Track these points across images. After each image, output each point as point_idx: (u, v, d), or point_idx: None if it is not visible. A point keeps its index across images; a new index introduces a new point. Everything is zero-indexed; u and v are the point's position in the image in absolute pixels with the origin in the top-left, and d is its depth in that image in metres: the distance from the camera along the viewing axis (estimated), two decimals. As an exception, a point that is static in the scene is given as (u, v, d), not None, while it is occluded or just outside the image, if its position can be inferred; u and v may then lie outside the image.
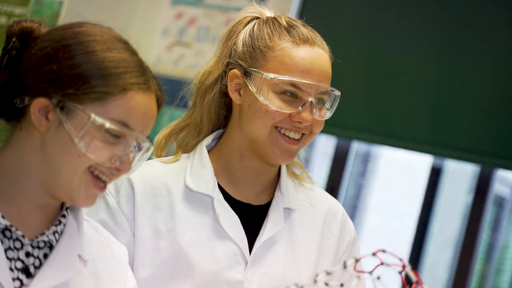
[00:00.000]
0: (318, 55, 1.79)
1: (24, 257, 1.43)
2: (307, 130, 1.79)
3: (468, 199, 5.27)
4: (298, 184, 1.91)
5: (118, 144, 1.42)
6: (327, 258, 1.88)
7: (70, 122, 1.39)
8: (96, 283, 1.51)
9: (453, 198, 5.43)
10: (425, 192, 4.07)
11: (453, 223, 5.29)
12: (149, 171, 1.83)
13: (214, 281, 1.76)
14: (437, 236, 5.12)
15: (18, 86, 1.44)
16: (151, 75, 1.46)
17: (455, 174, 5.38)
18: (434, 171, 4.09)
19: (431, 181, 4.09)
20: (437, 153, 3.77)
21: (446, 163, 4.35)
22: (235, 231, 1.79)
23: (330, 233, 1.90)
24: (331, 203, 1.94)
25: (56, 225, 1.48)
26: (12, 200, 1.44)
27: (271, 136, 1.78)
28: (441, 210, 5.00)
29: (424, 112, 3.72)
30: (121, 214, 1.79)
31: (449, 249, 5.33)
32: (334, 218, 1.92)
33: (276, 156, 1.78)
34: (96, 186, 1.43)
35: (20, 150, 1.44)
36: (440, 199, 4.41)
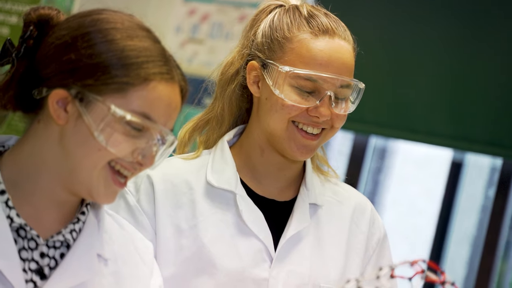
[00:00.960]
0: (338, 47, 1.73)
1: (39, 257, 1.37)
2: (328, 125, 1.73)
3: (489, 194, 5.22)
4: (324, 179, 1.86)
5: (140, 137, 1.35)
6: (356, 256, 1.83)
7: (89, 114, 1.33)
8: (116, 283, 1.45)
9: (474, 193, 5.38)
10: (445, 188, 4.03)
11: (474, 218, 5.24)
12: (169, 168, 1.78)
13: (239, 279, 1.71)
14: (457, 232, 5.06)
15: (35, 77, 1.38)
16: (174, 64, 1.40)
17: (475, 168, 5.33)
18: (454, 165, 4.04)
19: (451, 176, 4.05)
20: (458, 146, 3.72)
21: (467, 157, 4.30)
22: (259, 227, 1.74)
23: (358, 230, 1.85)
24: (358, 199, 1.88)
25: (74, 223, 1.42)
26: (28, 197, 1.39)
27: (288, 131, 1.73)
28: (461, 206, 4.95)
29: (444, 105, 3.67)
30: (142, 212, 1.74)
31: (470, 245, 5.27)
32: (362, 214, 1.86)
33: (294, 152, 1.73)
34: (116, 183, 1.37)
35: (37, 144, 1.38)
36: (461, 195, 4.36)
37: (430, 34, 3.74)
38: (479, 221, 5.15)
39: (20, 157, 1.39)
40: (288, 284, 1.72)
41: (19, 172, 1.39)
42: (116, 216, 1.54)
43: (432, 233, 4.73)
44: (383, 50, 3.78)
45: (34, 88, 1.37)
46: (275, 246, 1.75)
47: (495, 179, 4.40)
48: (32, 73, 1.38)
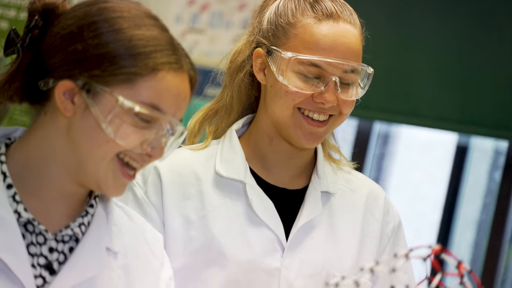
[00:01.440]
0: (342, 31, 1.70)
1: (48, 252, 1.35)
2: (335, 111, 1.71)
3: (496, 177, 5.21)
4: (337, 168, 1.84)
5: (149, 128, 1.33)
6: (371, 244, 1.81)
7: (97, 106, 1.31)
8: (126, 276, 1.43)
9: (480, 176, 5.37)
10: (451, 171, 4.01)
11: (480, 202, 5.23)
12: (177, 159, 1.76)
13: (250, 269, 1.70)
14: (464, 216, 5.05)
15: (41, 68, 1.35)
16: (183, 53, 1.37)
17: (480, 152, 5.32)
18: (459, 149, 4.02)
19: (456, 160, 4.03)
20: (464, 130, 3.70)
21: (472, 141, 4.28)
22: (270, 216, 1.72)
23: (373, 218, 1.83)
24: (372, 187, 1.86)
25: (83, 217, 1.40)
26: (36, 190, 1.36)
27: (293, 118, 1.71)
28: (467, 190, 4.94)
29: (449, 89, 3.65)
30: (150, 204, 1.73)
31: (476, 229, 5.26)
32: (376, 202, 1.84)
33: (300, 139, 1.70)
34: (125, 175, 1.35)
35: (44, 136, 1.36)
36: (467, 178, 4.34)
37: (435, 17, 3.72)
38: (486, 204, 5.13)
39: (27, 150, 1.37)
40: (301, 273, 1.70)
41: (26, 165, 1.37)
42: (126, 208, 1.52)
43: (437, 218, 4.71)
44: (387, 34, 3.76)
45: (40, 79, 1.35)
46: (287, 235, 1.73)
47: (500, 163, 4.38)
48: (38, 64, 1.36)
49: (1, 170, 1.35)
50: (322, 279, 1.72)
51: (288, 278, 1.70)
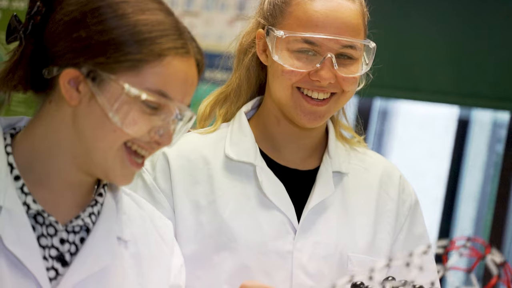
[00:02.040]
0: (336, 6, 1.67)
1: (59, 244, 1.34)
2: (337, 89, 1.68)
3: (498, 149, 5.20)
4: (350, 148, 1.82)
5: (157, 115, 1.31)
6: (387, 224, 1.79)
7: (103, 94, 1.28)
8: (137, 265, 1.41)
9: (482, 149, 5.36)
10: (453, 146, 3.99)
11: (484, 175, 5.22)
12: (185, 144, 1.74)
13: (261, 252, 1.68)
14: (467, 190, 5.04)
15: (45, 56, 1.33)
16: (189, 37, 1.34)
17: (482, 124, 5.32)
18: (461, 123, 4.01)
19: (458, 134, 4.01)
20: (464, 103, 3.69)
21: (473, 114, 4.27)
22: (280, 198, 1.70)
23: (388, 197, 1.81)
24: (386, 166, 1.84)
25: (92, 206, 1.38)
26: (44, 181, 1.34)
27: (293, 98, 1.69)
28: (470, 163, 4.93)
29: (448, 62, 3.63)
30: (159, 191, 1.72)
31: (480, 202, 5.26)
32: (391, 181, 1.82)
33: (301, 119, 1.69)
34: (133, 163, 1.32)
35: (50, 125, 1.34)
36: (469, 152, 4.33)
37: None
38: (489, 177, 5.12)
39: (32, 140, 1.35)
40: (314, 255, 1.69)
41: (32, 155, 1.34)
42: (134, 195, 1.50)
43: (439, 193, 4.70)
44: (384, 9, 3.73)
45: (44, 67, 1.33)
46: (299, 217, 1.71)
47: (502, 134, 4.36)
48: (41, 52, 1.33)
49: (8, 161, 1.33)
50: (336, 260, 1.70)
51: (301, 260, 1.69)
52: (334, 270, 1.69)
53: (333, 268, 1.69)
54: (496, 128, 5.37)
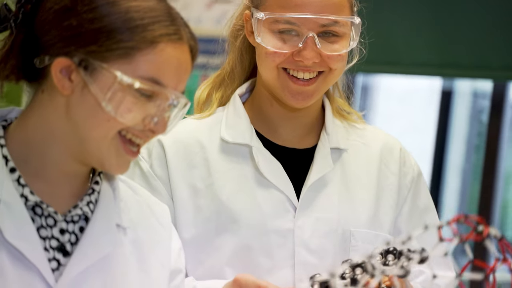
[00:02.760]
0: None
1: (59, 234, 1.33)
2: (323, 67, 1.68)
3: (483, 119, 5.23)
4: (348, 125, 1.81)
5: (151, 103, 1.30)
6: (389, 197, 1.79)
7: (95, 83, 1.27)
8: (138, 251, 1.41)
9: (467, 119, 5.41)
10: (437, 118, 4.01)
11: (470, 146, 5.25)
12: (180, 130, 1.74)
13: (262, 232, 1.68)
14: (454, 162, 5.07)
15: (36, 45, 1.32)
16: (182, 23, 1.33)
17: (465, 95, 5.36)
18: (444, 95, 4.02)
19: (442, 106, 4.03)
20: (446, 74, 3.70)
21: (456, 85, 4.28)
22: (278, 177, 1.71)
23: (388, 171, 1.80)
24: (386, 140, 1.84)
25: (90, 195, 1.38)
26: (40, 172, 1.34)
27: (279, 79, 1.69)
28: (455, 134, 4.95)
29: (427, 33, 3.63)
30: (155, 178, 1.72)
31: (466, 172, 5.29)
32: (391, 154, 1.82)
33: (289, 100, 1.68)
34: (128, 152, 1.32)
35: (43, 116, 1.33)
36: (454, 123, 4.35)
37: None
38: (475, 147, 5.15)
39: (26, 131, 1.34)
40: (316, 232, 1.69)
41: (27, 147, 1.34)
42: (129, 182, 1.50)
43: (425, 167, 4.73)
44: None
45: (35, 56, 1.32)
46: (299, 195, 1.71)
47: (486, 103, 4.40)
48: (33, 41, 1.32)
49: (2, 153, 1.32)
50: (338, 236, 1.70)
51: (303, 238, 1.69)
52: (337, 246, 1.69)
53: (336, 244, 1.69)
54: (479, 98, 5.41)
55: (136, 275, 1.39)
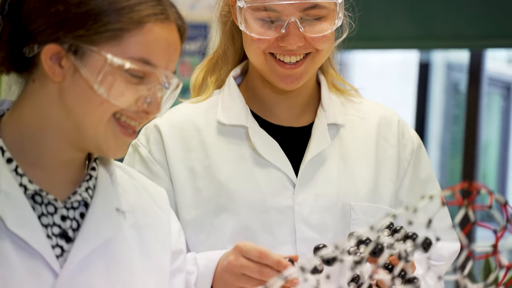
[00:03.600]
0: None
1: (60, 221, 1.34)
2: (310, 48, 1.68)
3: (461, 89, 5.26)
4: (345, 99, 1.81)
5: (143, 84, 1.31)
6: (389, 170, 1.79)
7: (86, 67, 1.28)
8: (138, 234, 1.42)
9: (445, 91, 5.43)
10: (416, 91, 4.02)
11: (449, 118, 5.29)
12: (175, 114, 1.76)
13: (261, 211, 1.69)
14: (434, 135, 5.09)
15: (24, 34, 1.32)
16: (168, 3, 1.34)
17: (442, 66, 5.38)
18: (422, 68, 4.03)
19: (421, 79, 4.04)
20: (422, 46, 3.71)
21: (433, 56, 4.30)
22: (275, 155, 1.72)
23: (387, 144, 1.80)
24: (383, 113, 1.83)
25: (87, 181, 1.39)
26: (37, 161, 1.34)
27: (267, 64, 1.69)
28: (435, 107, 4.98)
29: (402, 7, 3.63)
30: (155, 162, 1.73)
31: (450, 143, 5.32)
32: (389, 127, 1.82)
33: (278, 83, 1.69)
34: (125, 134, 1.33)
35: (37, 105, 1.33)
36: (433, 94, 4.37)
37: None
38: (455, 118, 5.19)
39: (20, 121, 1.35)
40: (316, 207, 1.69)
41: (22, 137, 1.34)
42: (125, 167, 1.51)
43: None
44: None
45: (24, 45, 1.32)
46: (297, 172, 1.72)
47: (463, 73, 4.42)
48: (21, 31, 1.33)
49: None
50: (338, 210, 1.71)
51: (302, 214, 1.70)
52: (337, 221, 1.70)
53: (336, 219, 1.70)
54: (454, 70, 5.44)
55: (138, 258, 1.40)
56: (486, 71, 3.77)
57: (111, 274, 1.35)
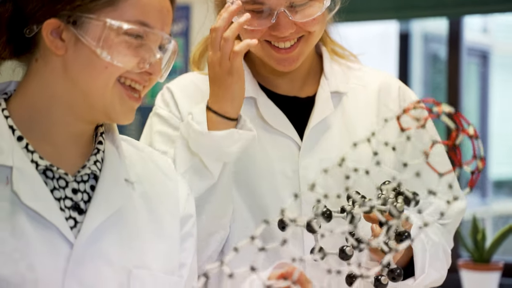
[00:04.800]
0: None
1: (72, 194, 1.38)
2: (302, 32, 1.72)
3: (441, 56, 5.29)
4: (347, 68, 1.86)
5: (142, 46, 1.36)
6: (390, 136, 1.82)
7: (86, 35, 1.33)
8: (147, 203, 1.47)
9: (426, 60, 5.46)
10: (398, 61, 4.04)
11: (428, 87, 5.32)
12: (184, 78, 1.84)
13: (268, 175, 1.74)
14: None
15: (22, 17, 1.36)
16: None
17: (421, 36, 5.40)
18: (402, 38, 4.04)
19: (402, 49, 4.05)
20: (402, 16, 3.73)
21: (412, 26, 4.31)
22: (281, 123, 1.77)
23: (388, 110, 1.85)
24: (383, 80, 1.88)
25: (95, 154, 1.43)
26: (46, 137, 1.38)
27: (263, 50, 1.74)
28: (416, 75, 5.01)
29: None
30: (175, 118, 1.79)
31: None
32: (389, 93, 1.86)
33: (276, 67, 1.74)
34: (131, 98, 1.37)
35: (42, 82, 1.38)
36: (414, 64, 4.39)
37: None
38: (435, 88, 5.23)
39: (28, 100, 1.38)
40: (319, 172, 1.73)
41: (30, 115, 1.38)
42: (130, 140, 1.55)
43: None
44: None
45: (23, 28, 1.36)
46: (303, 140, 1.77)
47: (443, 41, 4.45)
48: (18, 14, 1.37)
49: (8, 124, 1.36)
50: (342, 174, 1.75)
51: (307, 178, 1.74)
52: (341, 183, 1.73)
53: (340, 182, 1.73)
54: (433, 39, 5.47)
55: (149, 226, 1.44)
56: (465, 38, 3.80)
57: (123, 242, 1.39)
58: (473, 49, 5.82)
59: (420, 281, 1.75)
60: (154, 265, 1.42)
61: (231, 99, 1.67)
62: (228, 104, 1.67)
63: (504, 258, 3.65)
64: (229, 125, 1.67)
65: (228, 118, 1.67)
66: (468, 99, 5.49)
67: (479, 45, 6.00)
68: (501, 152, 6.20)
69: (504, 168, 6.42)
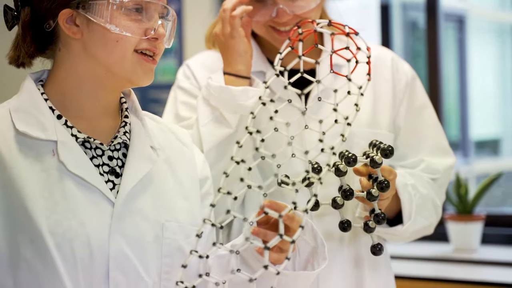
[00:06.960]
0: None
1: (108, 161, 1.59)
2: (301, 17, 1.92)
3: (419, 26, 5.33)
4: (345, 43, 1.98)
5: (144, 17, 1.57)
6: (386, 102, 2.01)
7: (96, 15, 1.55)
8: (170, 167, 1.67)
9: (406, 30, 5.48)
10: (380, 32, 4.05)
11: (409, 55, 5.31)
12: (201, 56, 2.06)
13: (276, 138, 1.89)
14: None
15: (39, 16, 1.59)
16: None
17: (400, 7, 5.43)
18: (383, 9, 4.05)
19: (383, 20, 4.03)
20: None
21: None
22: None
23: (382, 78, 2.02)
24: (378, 52, 2.05)
25: (123, 126, 1.64)
26: (80, 114, 1.60)
27: (268, 33, 1.95)
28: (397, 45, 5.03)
29: None
30: (195, 88, 2.01)
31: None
32: (383, 64, 2.04)
33: (280, 47, 1.84)
34: (148, 61, 1.59)
35: (68, 66, 1.60)
36: (396, 35, 4.38)
37: None
38: (415, 57, 5.28)
39: (59, 84, 1.60)
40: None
41: (64, 96, 1.60)
42: (150, 114, 1.75)
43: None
44: None
45: (43, 25, 1.59)
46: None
47: (419, 12, 4.47)
48: (36, 14, 1.59)
49: (48, 105, 1.58)
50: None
51: (312, 140, 1.92)
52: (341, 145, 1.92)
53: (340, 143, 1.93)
54: (412, 7, 5.54)
55: (174, 187, 1.65)
56: (441, 6, 3.85)
57: (155, 200, 1.59)
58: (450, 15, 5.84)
59: (408, 226, 1.91)
60: (181, 218, 1.62)
61: (239, 57, 1.88)
62: (238, 63, 1.89)
63: (486, 209, 3.79)
64: (244, 82, 1.89)
65: (241, 76, 1.89)
66: (448, 63, 5.53)
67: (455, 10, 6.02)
68: (481, 114, 6.28)
69: (485, 129, 6.52)
